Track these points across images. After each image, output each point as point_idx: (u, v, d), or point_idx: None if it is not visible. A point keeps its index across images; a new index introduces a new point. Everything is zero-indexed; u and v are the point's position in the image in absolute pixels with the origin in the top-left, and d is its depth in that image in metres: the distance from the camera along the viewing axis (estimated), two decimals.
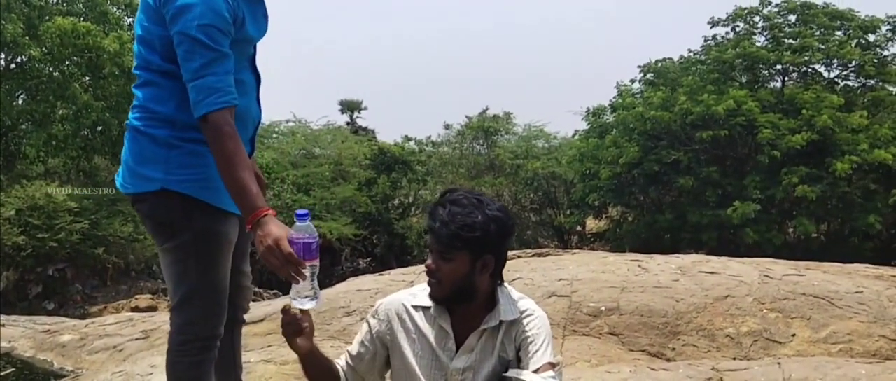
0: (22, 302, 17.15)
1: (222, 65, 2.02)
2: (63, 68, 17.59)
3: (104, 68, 17.40)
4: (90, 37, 16.78)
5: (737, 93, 18.89)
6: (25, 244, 16.28)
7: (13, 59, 17.93)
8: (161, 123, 2.15)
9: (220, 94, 2.00)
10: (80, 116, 17.52)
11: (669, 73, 21.30)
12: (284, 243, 1.92)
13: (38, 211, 16.63)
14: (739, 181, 18.89)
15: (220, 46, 2.02)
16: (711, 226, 18.53)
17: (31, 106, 17.82)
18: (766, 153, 18.21)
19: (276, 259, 1.91)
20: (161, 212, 2.21)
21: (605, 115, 22.01)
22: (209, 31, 2.00)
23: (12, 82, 17.94)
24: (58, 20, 16.82)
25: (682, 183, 18.84)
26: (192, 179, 2.16)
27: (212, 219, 2.19)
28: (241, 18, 2.11)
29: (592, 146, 20.48)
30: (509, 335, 2.15)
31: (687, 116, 18.84)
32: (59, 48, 16.89)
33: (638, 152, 19.29)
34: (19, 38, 16.51)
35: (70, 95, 17.44)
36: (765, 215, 18.37)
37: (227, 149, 2.00)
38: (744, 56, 19.93)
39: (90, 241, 16.93)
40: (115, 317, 8.40)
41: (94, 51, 17.05)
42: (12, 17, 16.57)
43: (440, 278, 2.08)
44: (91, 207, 17.30)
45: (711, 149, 19.22)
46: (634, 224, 20.46)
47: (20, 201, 16.51)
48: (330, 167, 21.16)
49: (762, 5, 20.76)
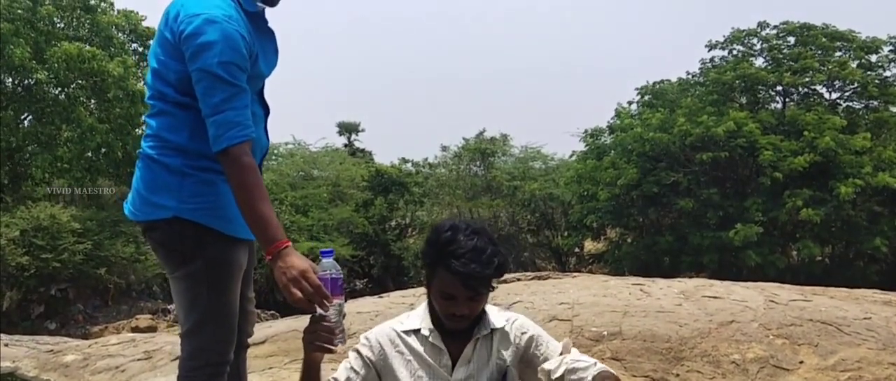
0: (24, 322, 17.17)
1: (240, 99, 2.07)
2: (69, 91, 17.78)
3: (109, 92, 17.58)
4: (95, 61, 16.98)
5: (737, 114, 18.91)
6: (29, 265, 16.35)
7: (20, 82, 18.08)
8: (174, 152, 2.18)
9: (239, 127, 2.05)
10: (85, 139, 17.65)
11: (668, 94, 21.39)
12: (312, 275, 1.96)
13: (42, 232, 16.71)
14: (740, 203, 18.85)
15: (238, 82, 2.07)
16: (712, 248, 18.48)
17: (36, 128, 17.96)
18: (768, 175, 18.15)
19: (302, 291, 1.95)
20: (173, 240, 2.23)
21: (602, 136, 22.04)
22: (229, 67, 2.04)
23: (19, 105, 18.10)
24: (64, 45, 17.01)
25: (681, 205, 18.79)
26: (203, 208, 2.19)
27: (223, 246, 2.22)
28: (256, 55, 2.16)
29: (590, 168, 20.47)
30: (502, 341, 2.23)
31: (686, 138, 18.84)
32: (65, 72, 17.08)
33: (636, 174, 19.28)
34: (27, 62, 16.67)
35: (75, 118, 17.59)
36: (767, 237, 18.30)
37: (248, 181, 2.05)
38: (743, 77, 19.98)
39: (93, 261, 17.00)
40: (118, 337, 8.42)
41: (100, 75, 17.24)
42: (20, 41, 16.74)
43: (469, 315, 2.14)
44: (94, 228, 17.38)
45: (711, 170, 19.22)
46: (633, 246, 20.41)
47: (25, 221, 16.59)
48: (328, 189, 21.25)
49: (760, 28, 20.87)
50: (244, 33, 2.10)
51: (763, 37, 20.84)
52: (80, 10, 18.38)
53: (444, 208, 21.70)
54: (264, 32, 2.27)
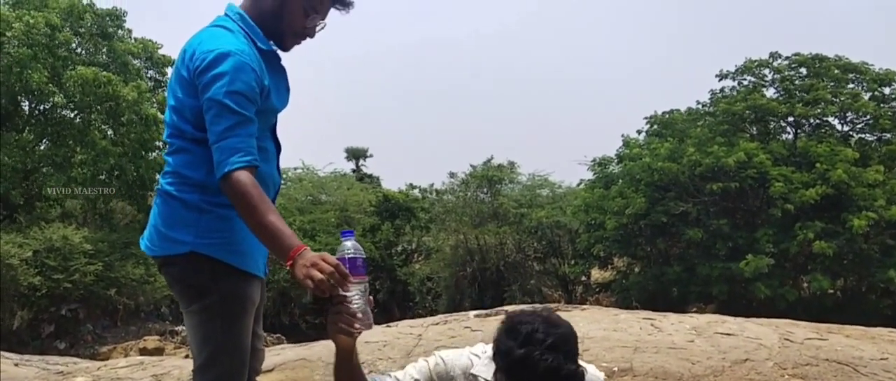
0: (34, 341, 17.25)
1: (246, 128, 2.09)
2: (84, 115, 17.98)
3: (123, 116, 17.82)
4: (111, 86, 17.23)
5: (747, 145, 18.82)
6: (41, 285, 16.48)
7: (37, 105, 18.33)
8: (192, 188, 2.21)
9: (240, 153, 2.07)
10: (99, 161, 17.83)
11: (677, 124, 21.35)
12: (330, 257, 1.93)
13: (54, 252, 16.85)
14: (751, 234, 18.69)
15: (245, 111, 2.10)
16: (722, 279, 18.31)
17: (52, 150, 18.16)
18: (779, 207, 17.96)
19: (321, 272, 1.90)
20: (190, 275, 2.25)
21: (610, 165, 22.00)
22: (236, 97, 2.09)
23: (36, 128, 18.32)
24: (81, 69, 17.27)
25: (690, 235, 18.62)
26: (219, 243, 2.21)
27: (237, 281, 2.24)
28: (267, 90, 2.19)
29: (598, 196, 20.38)
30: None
31: (696, 168, 18.73)
32: (81, 96, 17.30)
33: (644, 203, 19.15)
34: (44, 85, 16.90)
35: (90, 141, 17.81)
36: (778, 269, 18.08)
37: (251, 198, 2.04)
38: (754, 108, 19.93)
39: (103, 282, 17.12)
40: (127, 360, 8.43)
41: (114, 99, 17.49)
42: (38, 66, 16.98)
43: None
44: (105, 249, 17.52)
45: (721, 201, 19.09)
46: (641, 276, 20.25)
47: (38, 242, 16.75)
48: (335, 213, 21.33)
49: (772, 58, 20.87)
50: (257, 68, 2.14)
51: (775, 67, 20.82)
52: (97, 37, 18.66)
53: (450, 235, 21.63)
54: (277, 70, 2.32)
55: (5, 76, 17.14)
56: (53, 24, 17.60)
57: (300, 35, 2.27)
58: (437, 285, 21.23)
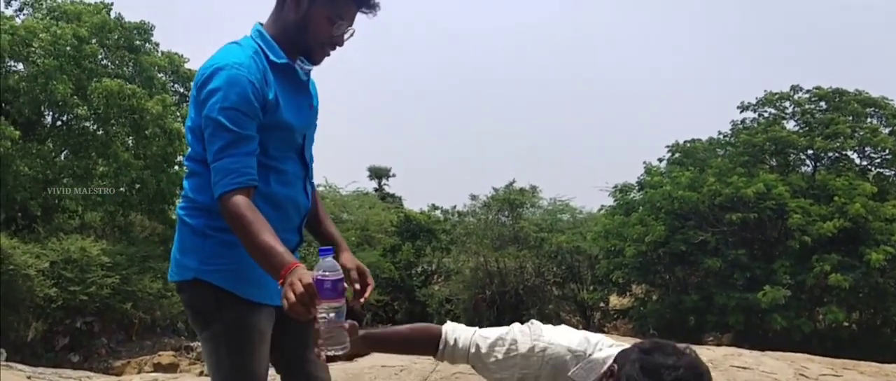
0: (48, 353, 17.30)
1: (242, 147, 2.03)
2: (107, 127, 18.14)
3: (147, 129, 17.94)
4: (135, 99, 17.38)
5: (767, 176, 18.82)
6: (57, 296, 16.52)
7: (60, 116, 18.54)
8: (199, 212, 2.18)
9: (235, 175, 2.01)
10: (120, 174, 17.97)
11: (698, 153, 21.35)
12: (306, 276, 1.85)
13: (71, 264, 16.91)
14: (768, 265, 18.65)
15: (241, 129, 2.03)
16: (738, 309, 18.24)
17: (73, 162, 18.32)
18: (797, 239, 17.97)
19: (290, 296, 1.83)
20: (196, 301, 2.22)
21: (631, 192, 22.01)
22: (230, 113, 2.02)
23: (58, 139, 18.51)
24: (105, 81, 17.43)
25: (709, 264, 18.62)
26: (223, 270, 2.16)
27: (243, 311, 2.17)
28: (274, 103, 2.11)
29: (618, 223, 20.39)
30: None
31: (715, 197, 18.76)
32: (105, 108, 17.46)
33: (664, 231, 19.16)
34: (68, 97, 17.10)
35: (112, 153, 17.95)
36: (794, 300, 18.02)
37: (243, 219, 1.98)
38: (774, 140, 19.93)
39: (119, 296, 17.15)
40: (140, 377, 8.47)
41: (138, 112, 17.62)
42: (64, 77, 17.19)
43: None
44: (123, 262, 17.57)
45: (740, 231, 19.06)
46: (658, 304, 20.17)
47: (55, 253, 16.82)
48: (356, 233, 21.35)
49: (793, 91, 20.88)
50: (255, 79, 2.06)
51: (795, 100, 20.83)
52: (124, 50, 18.89)
53: (470, 257, 21.63)
54: (294, 85, 2.22)
55: (30, 86, 17.36)
56: (81, 36, 17.83)
57: (328, 44, 2.19)
58: (455, 307, 21.21)
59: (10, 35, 17.24)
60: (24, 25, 17.65)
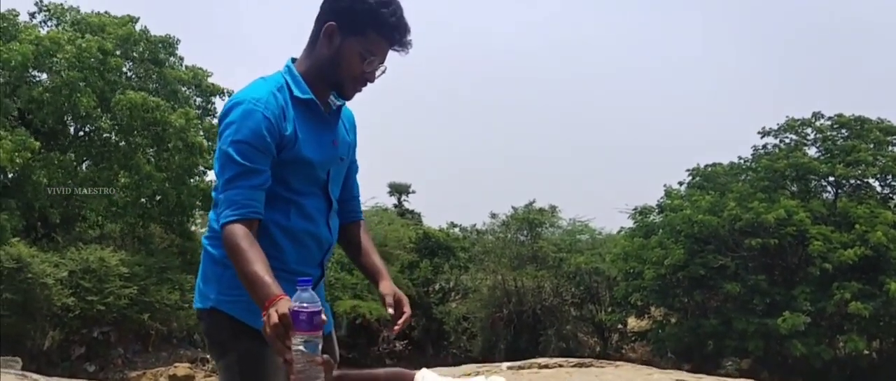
0: (64, 362, 17.26)
1: (248, 179, 2.04)
2: (130, 139, 18.18)
3: (169, 142, 17.97)
4: (158, 111, 17.43)
5: (788, 202, 18.78)
6: (74, 306, 16.50)
7: (83, 127, 18.60)
8: (219, 242, 2.14)
9: (236, 206, 2.03)
10: (141, 185, 17.99)
11: (718, 177, 21.32)
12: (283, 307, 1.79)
13: (90, 274, 16.90)
14: (788, 291, 18.58)
15: (250, 162, 2.04)
16: (758, 335, 18.16)
17: (94, 172, 18.35)
18: (817, 266, 17.94)
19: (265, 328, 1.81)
20: (213, 331, 2.22)
21: (651, 215, 21.97)
22: (241, 146, 2.04)
23: (80, 149, 18.55)
24: (129, 94, 17.50)
25: (728, 289, 18.57)
26: (239, 301, 2.12)
27: (257, 342, 2.08)
28: (292, 138, 2.11)
29: (638, 246, 20.35)
30: None
31: (736, 222, 18.73)
32: (128, 120, 17.51)
33: (683, 255, 19.13)
34: (92, 109, 17.15)
35: (134, 165, 17.98)
36: (814, 327, 17.96)
37: (237, 249, 1.99)
38: (795, 166, 19.90)
39: (137, 306, 17.12)
40: None
41: (161, 124, 17.66)
42: (88, 90, 17.26)
43: None
44: (141, 273, 17.57)
45: (760, 256, 19.01)
46: (677, 327, 20.10)
47: (74, 263, 16.82)
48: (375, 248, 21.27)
49: (815, 118, 20.86)
50: (271, 115, 2.07)
51: (817, 127, 20.81)
52: (149, 63, 18.96)
53: (488, 275, 21.59)
54: (318, 120, 2.21)
55: (53, 97, 17.42)
56: (106, 50, 17.91)
57: (360, 81, 2.19)
58: (472, 326, 21.15)
59: (35, 46, 17.32)
60: (48, 36, 17.73)
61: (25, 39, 17.35)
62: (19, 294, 15.77)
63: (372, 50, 2.14)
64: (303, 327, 1.76)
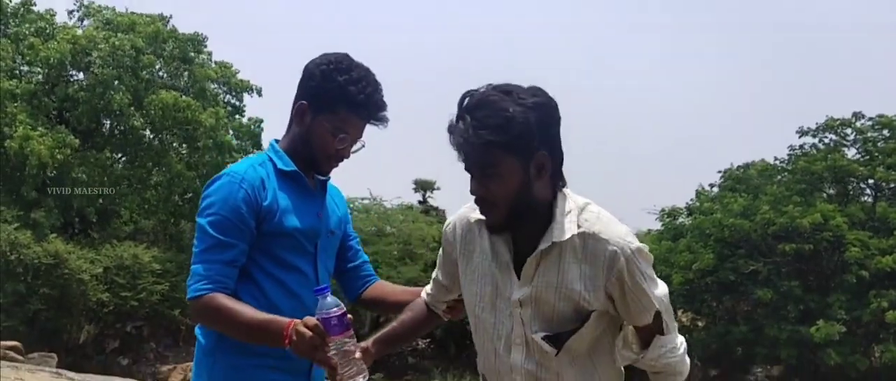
0: (99, 355, 17.79)
1: (221, 253, 2.04)
2: (162, 138, 18.56)
3: (199, 141, 18.30)
4: (189, 111, 17.76)
5: (824, 206, 18.26)
6: (109, 301, 16.99)
7: (117, 125, 19.02)
8: (210, 331, 2.16)
9: (207, 280, 2.02)
10: (173, 184, 18.36)
11: (752, 179, 20.83)
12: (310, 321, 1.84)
13: (123, 270, 17.37)
14: (823, 298, 18.10)
15: (223, 236, 2.04)
16: (790, 343, 17.73)
17: (129, 170, 18.79)
18: (854, 272, 17.47)
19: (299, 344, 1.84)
20: None
21: (680, 216, 21.57)
22: (215, 219, 2.05)
23: (115, 147, 18.99)
24: (162, 93, 17.85)
25: (760, 295, 18.13)
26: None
27: None
28: (270, 208, 2.10)
29: (665, 249, 19.99)
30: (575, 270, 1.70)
31: (769, 227, 18.27)
32: (160, 119, 17.87)
33: (713, 260, 18.72)
34: (125, 107, 17.53)
35: (166, 163, 18.36)
36: (849, 336, 17.48)
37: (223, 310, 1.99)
38: (833, 168, 19.34)
39: (168, 302, 17.54)
40: None
41: (192, 124, 17.99)
42: (121, 88, 17.63)
43: (493, 200, 1.69)
44: (173, 269, 17.95)
45: (794, 262, 18.52)
46: (705, 333, 19.68)
47: (109, 259, 17.28)
48: (398, 246, 21.34)
49: (855, 118, 20.19)
50: (248, 187, 2.07)
51: (857, 128, 20.14)
52: (179, 60, 19.29)
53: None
54: (303, 191, 2.22)
55: (89, 96, 17.84)
56: (138, 47, 18.26)
57: (334, 157, 2.20)
58: None
59: (72, 44, 17.75)
60: (84, 35, 18.17)
61: (63, 39, 17.82)
62: (56, 290, 16.28)
63: (343, 127, 2.14)
64: (336, 331, 1.82)
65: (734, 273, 18.60)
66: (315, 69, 2.16)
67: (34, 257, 15.90)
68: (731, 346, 18.85)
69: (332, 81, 2.12)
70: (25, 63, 18.68)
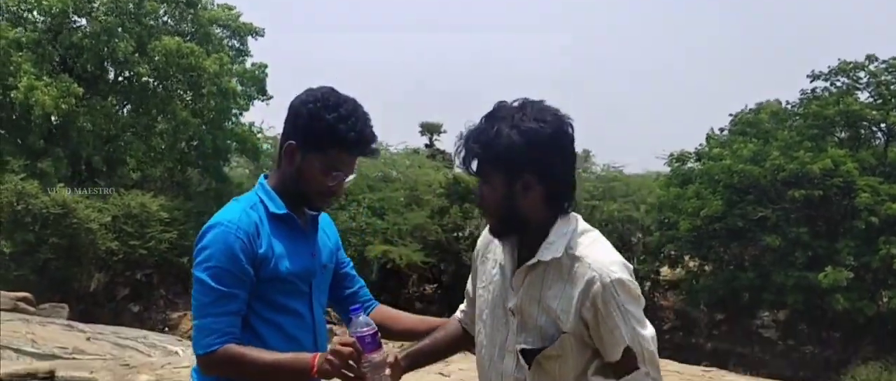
0: (110, 302, 18.01)
1: (223, 305, 2.02)
2: (166, 85, 18.40)
3: (203, 87, 18.12)
4: (193, 57, 17.54)
5: (835, 152, 18.07)
6: (118, 250, 17.08)
7: (121, 73, 18.87)
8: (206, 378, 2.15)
9: (217, 334, 2.01)
10: (179, 131, 18.27)
11: (763, 124, 20.57)
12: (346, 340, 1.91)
13: (132, 219, 17.41)
14: (831, 244, 18.06)
15: (225, 287, 2.01)
16: (797, 289, 17.75)
17: (134, 118, 18.69)
18: (863, 219, 17.41)
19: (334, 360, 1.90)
20: None
21: (689, 161, 21.39)
22: (216, 271, 2.01)
23: (119, 95, 18.86)
24: (165, 40, 17.62)
25: (768, 241, 18.09)
26: None
27: None
28: (266, 256, 2.08)
29: (673, 196, 19.88)
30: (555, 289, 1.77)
31: (779, 172, 18.13)
32: (164, 66, 17.68)
33: (721, 206, 18.64)
34: (130, 55, 17.35)
35: (171, 110, 18.23)
36: (857, 282, 17.53)
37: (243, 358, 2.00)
38: (845, 113, 19.06)
39: (176, 250, 17.59)
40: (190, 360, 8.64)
41: (196, 70, 17.79)
42: (125, 35, 17.41)
43: (485, 206, 1.84)
44: (181, 217, 17.99)
45: (803, 208, 18.42)
46: (712, 278, 19.73)
47: (117, 208, 17.32)
48: (405, 192, 21.28)
49: (868, 61, 19.80)
50: (244, 235, 2.04)
51: (870, 71, 19.77)
52: (183, 5, 18.99)
53: None
54: (296, 234, 2.19)
55: (93, 43, 17.65)
56: None
57: (327, 194, 2.16)
58: None
59: None
60: None
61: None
62: (65, 239, 16.37)
63: (334, 165, 2.10)
64: (370, 348, 1.91)
65: (743, 220, 18.53)
66: (302, 108, 2.09)
67: (42, 207, 15.94)
68: (737, 292, 18.89)
69: (321, 120, 2.06)
70: (28, 10, 18.45)
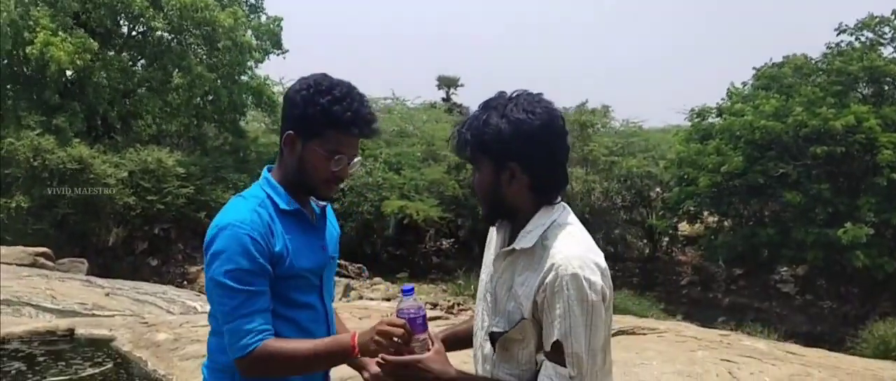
0: (128, 256, 18.20)
1: (252, 304, 2.00)
2: (181, 39, 18.28)
3: (219, 41, 18.01)
4: (208, 11, 17.40)
5: (858, 108, 17.70)
6: (135, 205, 17.21)
7: (136, 27, 18.75)
8: (222, 374, 2.14)
9: (250, 335, 1.99)
10: (194, 86, 18.20)
11: (786, 78, 20.18)
12: (395, 320, 1.91)
13: (148, 174, 17.50)
14: (852, 201, 17.83)
15: (249, 286, 1.99)
16: (817, 245, 17.59)
17: (149, 73, 18.62)
18: (885, 175, 17.10)
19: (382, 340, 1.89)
20: None
21: (710, 116, 21.09)
22: (236, 273, 1.98)
23: (134, 50, 18.77)
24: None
25: (788, 198, 17.91)
26: None
27: None
28: (282, 254, 2.07)
29: (694, 151, 19.66)
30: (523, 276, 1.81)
31: (801, 129, 17.84)
32: (178, 20, 17.54)
33: (742, 162, 18.39)
34: (144, 9, 17.21)
35: (186, 65, 18.14)
36: (878, 238, 17.30)
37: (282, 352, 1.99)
38: (870, 69, 18.64)
39: (193, 205, 17.73)
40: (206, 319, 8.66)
41: (211, 24, 17.67)
42: None
43: (477, 191, 1.92)
44: (197, 172, 18.06)
45: (824, 165, 18.16)
46: (731, 234, 19.58)
47: (133, 163, 17.39)
48: (421, 147, 21.22)
49: (894, 16, 19.32)
50: (258, 236, 2.01)
51: (895, 26, 19.29)
52: None
53: None
54: (306, 228, 2.17)
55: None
56: None
57: (332, 181, 2.12)
58: None
59: None
60: None
61: None
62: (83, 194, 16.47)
63: (336, 149, 2.07)
64: (420, 329, 1.92)
65: (763, 176, 18.29)
66: (296, 96, 2.07)
67: (59, 163, 16.01)
68: (756, 248, 18.73)
69: (315, 104, 2.04)
70: None
